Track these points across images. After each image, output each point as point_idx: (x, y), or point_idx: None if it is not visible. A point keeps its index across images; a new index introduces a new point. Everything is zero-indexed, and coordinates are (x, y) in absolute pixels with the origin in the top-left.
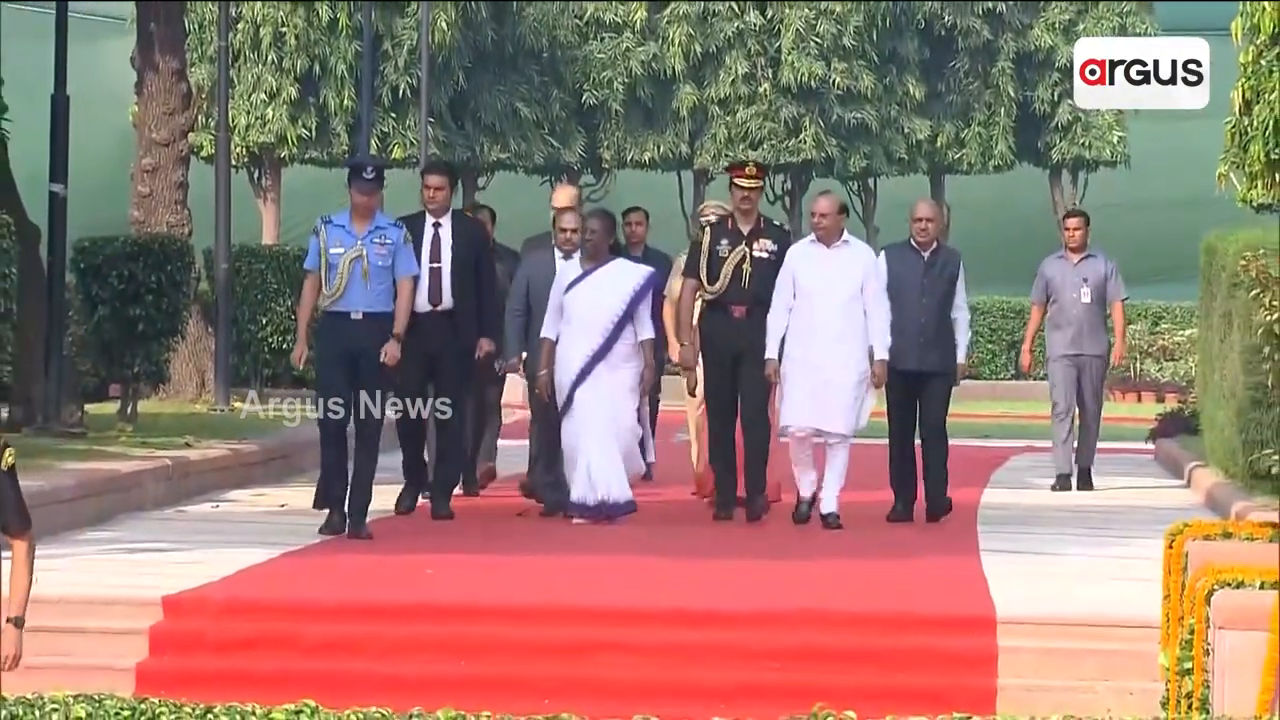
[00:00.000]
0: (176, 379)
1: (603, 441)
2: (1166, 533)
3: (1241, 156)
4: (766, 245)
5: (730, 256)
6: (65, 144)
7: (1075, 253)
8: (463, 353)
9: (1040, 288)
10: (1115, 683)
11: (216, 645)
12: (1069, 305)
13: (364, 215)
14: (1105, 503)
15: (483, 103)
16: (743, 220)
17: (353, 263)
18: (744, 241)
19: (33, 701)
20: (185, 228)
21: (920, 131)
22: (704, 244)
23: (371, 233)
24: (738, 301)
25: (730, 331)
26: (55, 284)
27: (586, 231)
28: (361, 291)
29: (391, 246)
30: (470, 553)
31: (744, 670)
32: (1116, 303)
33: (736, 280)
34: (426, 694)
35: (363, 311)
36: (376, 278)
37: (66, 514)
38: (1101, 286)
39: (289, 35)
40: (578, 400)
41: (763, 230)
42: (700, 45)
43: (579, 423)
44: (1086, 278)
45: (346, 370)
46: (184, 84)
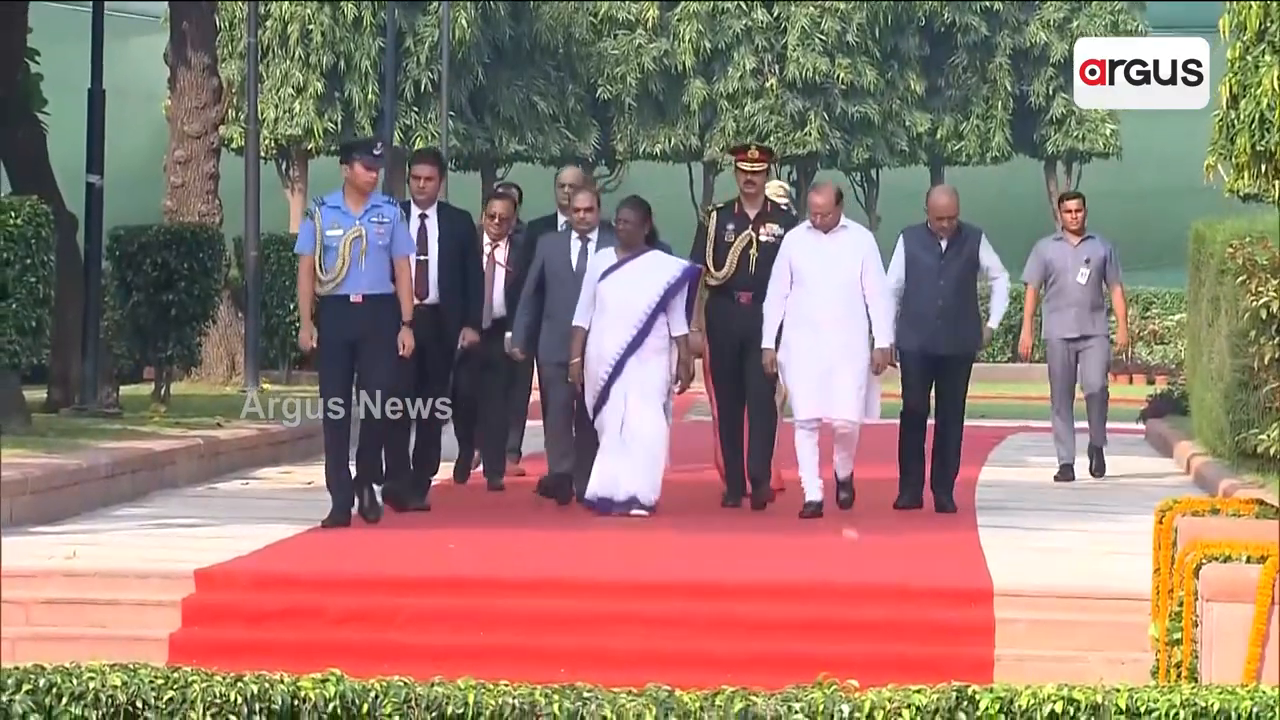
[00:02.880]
0: (208, 362)
1: (636, 441)
2: (1156, 509)
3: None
4: (773, 230)
5: (736, 242)
6: (101, 137)
7: (1075, 235)
8: (448, 349)
9: (1037, 269)
10: (1107, 653)
11: (246, 617)
12: (1070, 288)
13: (361, 194)
14: (1098, 481)
15: (501, 97)
16: (748, 204)
17: (352, 243)
18: (750, 226)
19: (70, 670)
20: (216, 217)
21: (921, 124)
22: (710, 229)
23: (369, 211)
24: (744, 288)
25: (737, 318)
26: (92, 271)
27: (619, 221)
28: (361, 273)
29: (389, 225)
30: (489, 529)
31: (751, 641)
32: (1117, 286)
33: (743, 266)
34: (447, 663)
35: (363, 294)
36: (375, 258)
37: (102, 490)
38: (1101, 268)
39: (315, 32)
40: (612, 397)
41: (769, 214)
42: (710, 41)
43: (606, 420)
44: (1088, 259)
45: (347, 365)
46: (215, 79)
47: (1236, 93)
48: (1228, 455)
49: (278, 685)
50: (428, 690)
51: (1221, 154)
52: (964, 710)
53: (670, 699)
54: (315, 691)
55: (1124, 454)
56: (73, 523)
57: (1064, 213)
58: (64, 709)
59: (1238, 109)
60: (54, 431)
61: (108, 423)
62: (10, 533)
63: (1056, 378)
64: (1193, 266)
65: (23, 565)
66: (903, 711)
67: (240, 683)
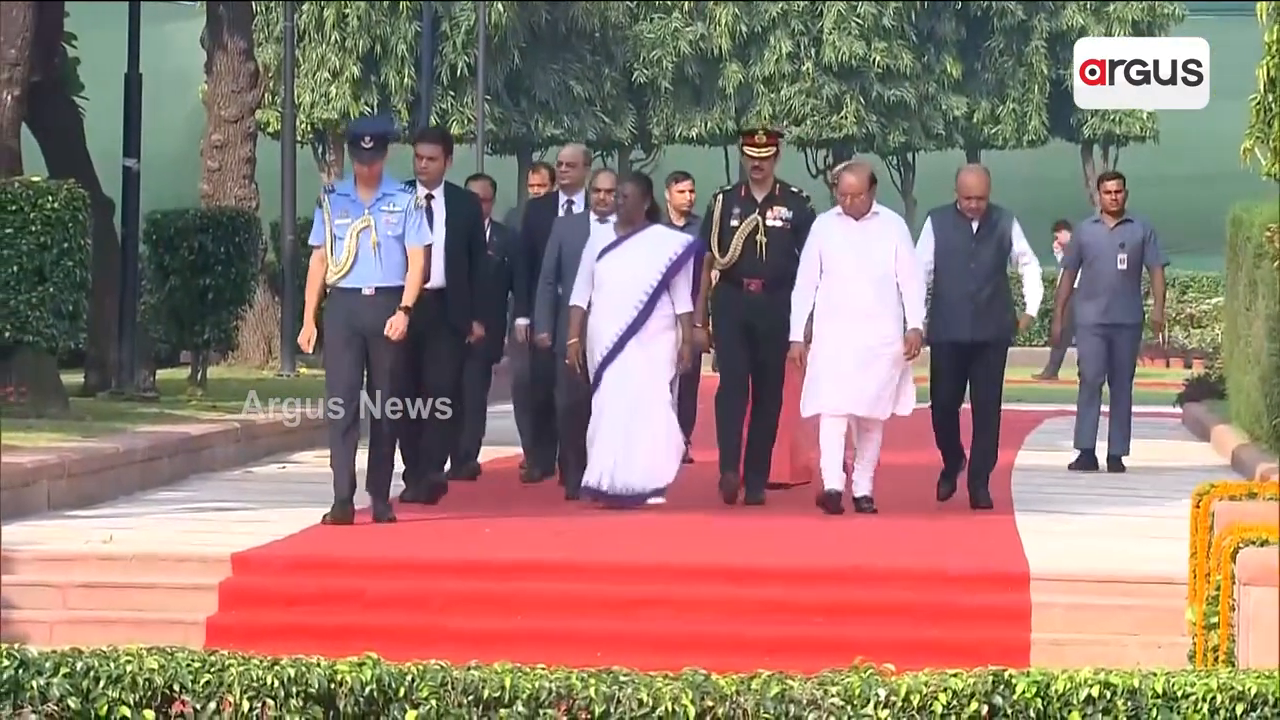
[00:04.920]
0: (244, 346)
1: (629, 428)
2: (1194, 493)
3: (1266, 132)
4: (780, 213)
5: (742, 227)
6: (138, 121)
7: (1113, 217)
8: (452, 333)
9: (1074, 253)
10: (1144, 636)
11: (283, 600)
12: (1105, 273)
13: (370, 182)
14: (1134, 464)
15: (537, 80)
16: (756, 188)
17: (360, 234)
18: (756, 210)
19: (108, 653)
20: (253, 201)
21: (957, 108)
22: (715, 213)
23: (379, 200)
24: (752, 275)
25: (743, 306)
26: (129, 255)
27: (619, 196)
28: (372, 265)
29: (401, 214)
30: (524, 514)
31: (787, 625)
32: (1157, 268)
33: (750, 252)
34: (483, 647)
35: (374, 286)
36: (388, 249)
37: (139, 474)
38: (1139, 252)
39: (351, 16)
40: (605, 380)
41: (777, 198)
42: (746, 25)
43: (604, 404)
44: (1124, 243)
45: (354, 362)
46: (251, 63)
47: (1275, 76)
48: (1265, 439)
49: (314, 668)
50: (464, 674)
51: (1259, 137)
52: (1000, 694)
53: (706, 682)
54: (352, 675)
55: (1161, 437)
56: (110, 506)
57: (1103, 194)
58: (101, 692)
59: (1275, 92)
60: (91, 415)
61: (145, 407)
62: (48, 517)
63: (1087, 364)
64: (1230, 250)
65: (60, 549)
66: (939, 695)
67: (277, 666)
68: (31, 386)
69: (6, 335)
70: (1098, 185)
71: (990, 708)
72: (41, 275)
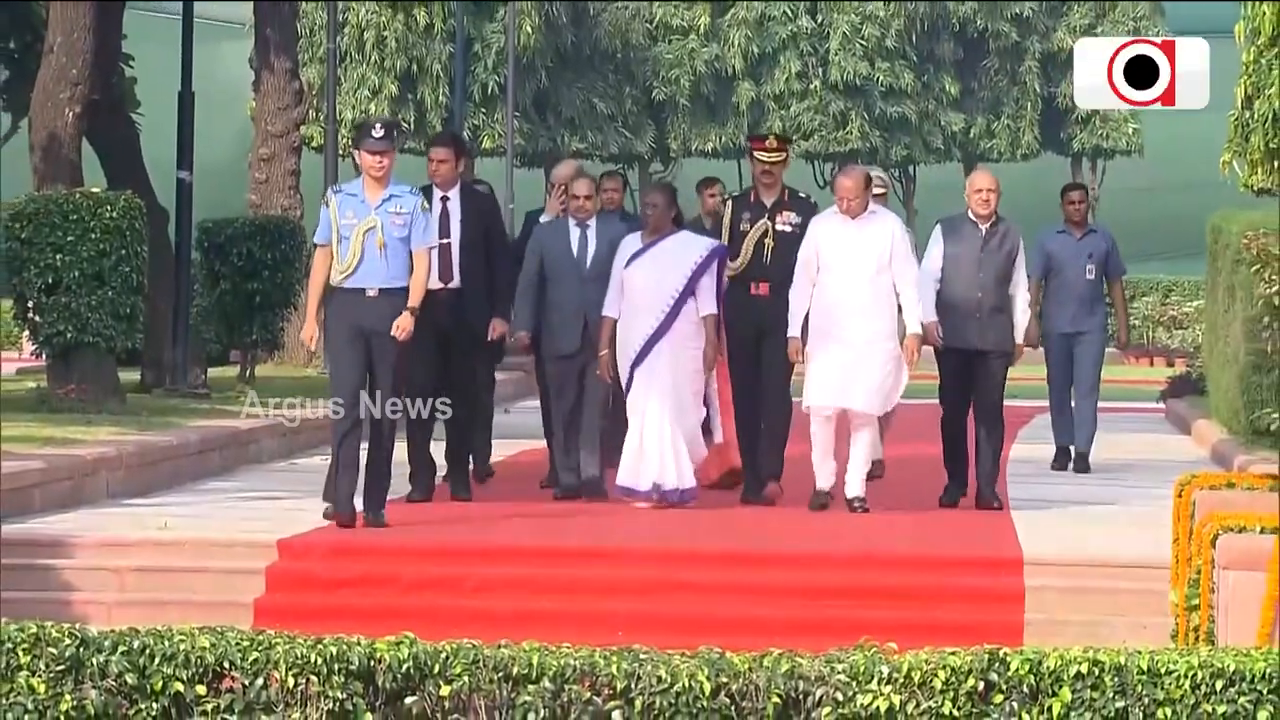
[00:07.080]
0: (290, 345)
1: (660, 428)
2: (1176, 483)
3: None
4: (790, 218)
5: (751, 231)
6: (191, 136)
7: (1078, 227)
8: (474, 333)
9: (1040, 262)
10: (1130, 617)
11: (326, 583)
12: (1073, 282)
13: (377, 182)
14: (1121, 457)
15: (563, 98)
16: (765, 193)
17: (366, 235)
18: (766, 215)
19: (162, 633)
20: (297, 210)
21: (955, 124)
22: (725, 218)
23: (386, 201)
24: (760, 278)
25: (752, 309)
26: (182, 260)
27: (648, 206)
28: (377, 266)
29: (408, 216)
30: (552, 502)
31: (797, 606)
32: (1117, 281)
33: (758, 256)
34: (512, 627)
35: (379, 288)
36: (394, 251)
37: (192, 466)
38: (1104, 262)
39: (390, 38)
40: (637, 380)
41: (786, 203)
42: (758, 46)
43: (639, 405)
44: (1091, 253)
45: (357, 362)
46: (296, 82)
47: (1251, 94)
48: (1243, 433)
49: (355, 647)
50: (495, 652)
51: (1237, 151)
52: (995, 671)
53: (721, 660)
54: (390, 653)
55: (1145, 431)
56: (164, 496)
57: (1067, 205)
58: (156, 669)
59: (1252, 109)
60: (147, 411)
61: (197, 403)
62: (106, 505)
63: (1056, 370)
64: (1210, 256)
65: (118, 535)
66: (938, 672)
67: (320, 644)
68: (91, 384)
69: (68, 336)
70: (1061, 196)
71: (986, 684)
72: (101, 280)
